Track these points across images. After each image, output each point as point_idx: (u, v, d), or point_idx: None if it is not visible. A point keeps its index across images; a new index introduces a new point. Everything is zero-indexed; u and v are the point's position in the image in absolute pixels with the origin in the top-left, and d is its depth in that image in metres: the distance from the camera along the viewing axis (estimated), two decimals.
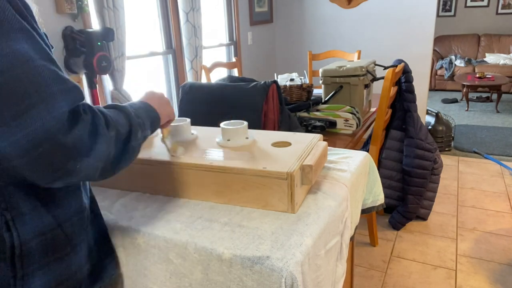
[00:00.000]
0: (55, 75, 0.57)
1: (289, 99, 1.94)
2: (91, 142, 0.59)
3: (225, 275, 0.76)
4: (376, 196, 1.29)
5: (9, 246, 0.63)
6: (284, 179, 0.86)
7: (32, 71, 0.54)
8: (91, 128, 0.59)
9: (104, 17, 2.09)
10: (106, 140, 0.62)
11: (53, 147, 0.54)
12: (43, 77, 0.55)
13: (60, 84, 0.57)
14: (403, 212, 2.33)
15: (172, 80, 2.87)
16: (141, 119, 0.75)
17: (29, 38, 0.56)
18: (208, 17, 3.23)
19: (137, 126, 0.72)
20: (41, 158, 0.54)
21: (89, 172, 0.61)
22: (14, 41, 0.53)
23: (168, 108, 0.91)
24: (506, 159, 3.40)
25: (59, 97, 0.56)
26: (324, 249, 0.85)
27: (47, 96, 0.54)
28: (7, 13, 0.54)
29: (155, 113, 0.83)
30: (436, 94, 6.11)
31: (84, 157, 0.58)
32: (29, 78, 0.53)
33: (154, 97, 0.88)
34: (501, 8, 6.26)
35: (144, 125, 0.76)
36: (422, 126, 2.23)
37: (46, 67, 0.56)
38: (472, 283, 1.89)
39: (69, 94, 0.57)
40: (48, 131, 0.53)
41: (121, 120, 0.68)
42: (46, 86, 0.55)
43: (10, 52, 0.53)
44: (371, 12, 3.67)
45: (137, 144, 0.72)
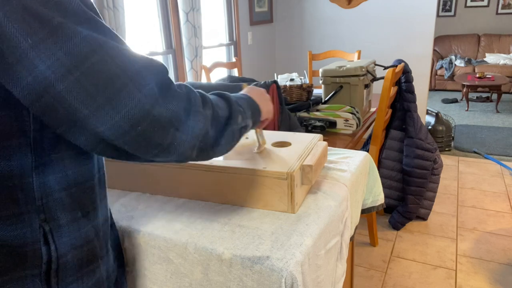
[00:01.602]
0: (132, 53, 0.56)
1: (289, 99, 1.94)
2: (186, 117, 0.58)
3: (225, 275, 0.76)
4: (376, 196, 1.29)
5: (46, 260, 0.60)
6: (284, 179, 0.86)
7: (112, 52, 0.53)
8: (186, 105, 0.59)
9: (104, 17, 2.09)
10: (202, 117, 0.61)
11: (150, 124, 0.54)
12: (124, 56, 0.54)
13: (141, 61, 0.56)
14: (403, 212, 2.33)
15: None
16: (241, 108, 0.74)
17: (97, 25, 0.55)
18: (208, 17, 3.23)
19: (237, 112, 0.71)
20: (140, 136, 0.54)
21: (186, 150, 0.60)
22: (85, 28, 0.53)
23: (269, 105, 0.89)
24: (506, 159, 3.40)
25: (144, 73, 0.55)
26: (324, 249, 0.85)
27: (133, 75, 0.54)
28: (74, 4, 0.53)
29: (256, 105, 0.82)
30: (436, 94, 6.11)
31: (180, 132, 0.57)
32: (112, 60, 0.52)
33: (256, 92, 0.87)
34: (501, 8, 6.27)
35: (245, 113, 0.74)
36: (422, 126, 2.24)
37: (121, 47, 0.55)
38: (472, 283, 1.89)
39: (152, 68, 0.57)
40: (142, 109, 0.53)
41: (220, 103, 0.68)
42: (129, 65, 0.54)
43: (87, 35, 0.51)
44: (371, 12, 3.67)
45: (237, 129, 0.70)
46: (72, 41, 0.50)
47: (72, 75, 0.50)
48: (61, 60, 0.50)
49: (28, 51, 0.49)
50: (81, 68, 0.50)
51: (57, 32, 0.50)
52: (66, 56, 0.50)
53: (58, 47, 0.50)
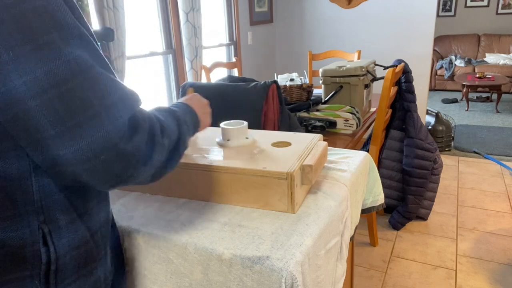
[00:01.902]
0: (113, 82, 0.56)
1: (289, 99, 1.94)
2: (148, 150, 0.59)
3: (225, 275, 0.76)
4: (376, 196, 1.29)
5: (45, 261, 0.60)
6: (284, 179, 0.86)
7: (93, 79, 0.53)
8: (148, 137, 0.59)
9: (104, 17, 2.09)
10: (161, 148, 0.62)
11: (114, 156, 0.54)
12: (104, 85, 0.54)
13: (120, 91, 0.57)
14: (403, 212, 2.33)
15: (172, 80, 2.87)
16: (187, 126, 0.75)
17: (87, 44, 0.55)
18: (208, 17, 3.23)
19: (185, 133, 0.72)
20: (101, 165, 0.54)
21: (144, 179, 0.61)
22: (74, 47, 0.53)
23: (207, 119, 0.91)
24: (506, 159, 3.40)
25: (119, 105, 0.56)
26: (324, 249, 0.85)
27: (108, 105, 0.54)
28: (67, 18, 0.53)
29: (197, 120, 0.83)
30: (436, 94, 6.11)
31: (142, 165, 0.58)
32: (91, 87, 0.53)
33: (199, 104, 0.88)
34: (501, 8, 6.26)
35: (189, 131, 0.76)
36: (422, 126, 2.24)
37: (105, 74, 0.55)
38: (472, 283, 1.89)
39: (128, 101, 0.58)
40: (109, 141, 0.53)
41: (172, 127, 0.68)
42: (107, 95, 0.54)
43: (72, 59, 0.52)
44: (371, 12, 3.67)
45: (183, 151, 0.72)
46: (55, 62, 0.51)
47: (46, 95, 0.50)
48: (39, 78, 0.50)
49: (7, 64, 0.49)
50: (57, 90, 0.50)
51: (42, 49, 0.50)
52: (45, 76, 0.50)
53: (40, 65, 0.50)
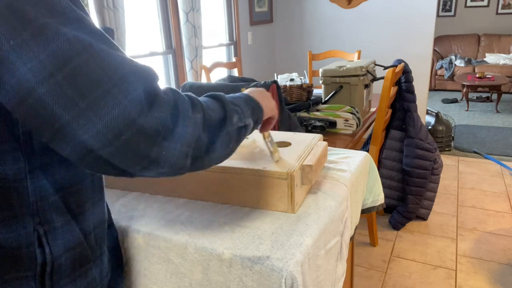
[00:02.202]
0: (121, 57, 0.53)
1: (289, 99, 1.94)
2: (174, 125, 0.54)
3: (225, 275, 0.76)
4: (376, 196, 1.29)
5: (41, 263, 0.59)
6: (284, 179, 0.86)
7: (99, 55, 0.51)
8: (173, 111, 0.55)
9: (104, 17, 2.09)
10: (191, 123, 0.57)
11: (135, 133, 0.51)
12: (110, 60, 0.51)
13: (129, 65, 0.53)
14: (403, 212, 2.33)
15: (172, 80, 2.87)
16: (238, 107, 0.69)
17: (86, 26, 0.53)
18: (208, 17, 3.23)
19: (233, 111, 0.67)
20: (125, 146, 0.51)
21: (178, 160, 0.56)
22: (73, 30, 0.51)
23: (270, 102, 0.84)
24: (506, 159, 3.40)
25: (132, 78, 0.52)
26: (324, 249, 0.85)
27: (118, 80, 0.51)
28: (63, 3, 0.51)
29: (256, 102, 0.77)
30: (436, 94, 6.11)
31: (168, 141, 0.54)
32: (97, 63, 0.50)
33: (255, 90, 0.82)
34: (501, 8, 6.27)
35: (243, 112, 0.70)
36: (422, 126, 2.24)
37: (110, 50, 0.53)
38: (472, 283, 1.89)
39: (141, 74, 0.54)
40: (127, 117, 0.50)
41: (212, 105, 0.64)
42: (115, 69, 0.51)
43: (72, 37, 0.49)
44: (371, 12, 3.67)
45: (233, 130, 0.66)
46: (55, 42, 0.49)
47: (54, 78, 0.48)
48: (43, 62, 0.48)
49: (10, 53, 0.47)
50: (63, 71, 0.48)
51: (40, 33, 0.48)
52: (48, 58, 0.48)
53: (41, 48, 0.48)
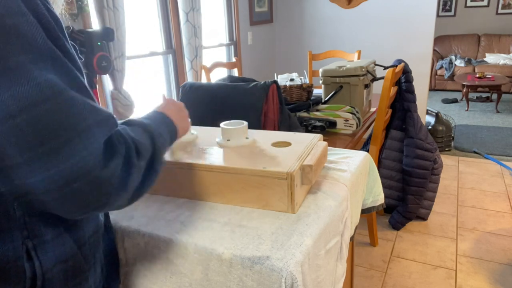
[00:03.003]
0: (89, 106, 0.53)
1: (289, 99, 1.94)
2: (124, 175, 0.56)
3: (225, 275, 0.76)
4: (376, 196, 1.29)
5: (30, 276, 0.58)
6: (284, 179, 0.86)
7: (67, 103, 0.50)
8: (124, 161, 0.56)
9: (104, 17, 2.09)
10: (137, 169, 0.59)
11: (87, 184, 0.51)
12: (78, 109, 0.51)
13: (95, 115, 0.53)
14: (403, 212, 2.33)
15: (172, 80, 2.87)
16: (163, 138, 0.71)
17: (61, 66, 0.53)
18: (208, 17, 3.23)
19: (161, 147, 0.68)
20: (72, 194, 0.51)
21: (120, 204, 0.58)
22: (45, 70, 0.50)
23: (185, 123, 0.86)
24: (506, 159, 3.40)
25: (94, 130, 0.52)
26: (324, 249, 0.85)
27: (82, 130, 0.51)
28: (39, 40, 0.50)
29: (174, 128, 0.78)
30: (436, 94, 6.11)
31: (118, 192, 0.55)
32: (64, 110, 0.50)
33: (174, 108, 0.83)
34: (501, 8, 6.26)
35: (165, 143, 0.72)
36: (422, 126, 2.24)
37: (80, 98, 0.52)
38: (472, 283, 1.89)
39: (104, 125, 0.54)
40: (83, 168, 0.50)
41: (146, 144, 0.64)
42: (81, 119, 0.51)
43: (42, 81, 0.49)
44: (371, 12, 3.67)
45: (159, 167, 0.68)
46: (23, 85, 0.47)
47: (14, 120, 0.47)
48: (6, 102, 0.47)
49: None
50: (26, 115, 0.47)
51: (10, 72, 0.47)
52: (12, 99, 0.47)
53: (7, 88, 0.47)
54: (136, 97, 2.39)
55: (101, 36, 1.99)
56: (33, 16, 0.51)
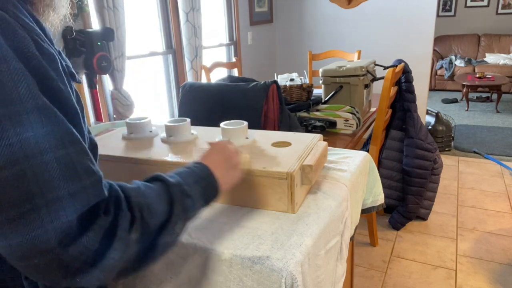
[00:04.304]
0: (69, 171, 0.47)
1: (289, 99, 1.94)
2: (101, 251, 0.49)
3: (225, 275, 0.76)
4: (376, 196, 1.29)
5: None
6: (284, 179, 0.86)
7: (38, 168, 0.45)
8: (107, 233, 0.49)
9: (104, 17, 2.09)
10: (123, 245, 0.51)
11: (49, 261, 0.46)
12: (50, 176, 0.46)
13: (74, 182, 0.48)
14: (403, 212, 2.33)
15: (172, 80, 2.87)
16: (190, 199, 0.62)
17: (47, 117, 0.47)
18: (208, 17, 3.23)
19: (179, 215, 0.60)
20: (35, 269, 0.46)
21: (97, 283, 0.50)
22: (25, 126, 0.45)
23: (235, 173, 0.76)
24: (506, 159, 3.40)
25: (66, 202, 0.46)
26: (324, 249, 0.85)
27: (51, 200, 0.45)
28: (21, 90, 0.45)
29: (214, 185, 0.69)
30: (436, 94, 6.11)
31: (86, 270, 0.48)
32: (33, 177, 0.44)
33: (220, 157, 0.73)
34: (501, 8, 6.26)
35: (193, 208, 0.63)
36: (422, 126, 2.23)
37: (59, 161, 0.47)
38: (472, 283, 1.89)
39: (80, 197, 0.48)
40: (44, 243, 0.45)
41: (158, 208, 0.57)
42: (53, 187, 0.46)
43: (16, 142, 0.44)
44: (371, 12, 3.67)
45: (171, 239, 0.59)
46: None
47: None
48: None
49: None
50: None
51: None
52: None
53: None
54: (136, 97, 2.39)
55: (101, 36, 1.99)
56: (20, 59, 0.46)
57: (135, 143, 1.10)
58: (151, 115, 2.06)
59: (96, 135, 1.31)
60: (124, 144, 1.10)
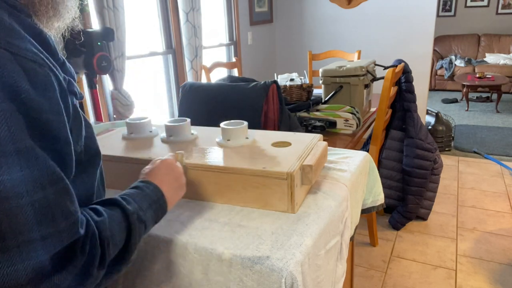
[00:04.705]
0: (44, 215, 0.48)
1: (289, 99, 1.94)
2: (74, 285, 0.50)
3: (225, 275, 0.76)
4: (376, 196, 1.29)
5: None
6: (284, 179, 0.86)
7: (12, 211, 0.45)
8: (80, 270, 0.51)
9: (104, 17, 2.09)
10: (93, 281, 0.53)
11: None
12: (25, 219, 0.46)
13: (48, 226, 0.48)
14: (403, 212, 2.33)
15: (172, 80, 2.87)
16: (144, 225, 0.65)
17: (26, 161, 0.47)
18: (208, 17, 3.23)
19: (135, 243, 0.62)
20: None
21: None
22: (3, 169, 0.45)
23: (181, 192, 0.79)
24: (506, 159, 3.40)
25: (37, 244, 0.47)
26: (324, 249, 0.85)
27: (23, 241, 0.46)
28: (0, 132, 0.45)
29: (164, 210, 0.72)
30: (436, 94, 6.11)
31: None
32: (8, 218, 0.45)
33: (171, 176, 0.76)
34: (501, 8, 6.26)
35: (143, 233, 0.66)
36: (422, 126, 2.23)
37: (34, 205, 0.47)
38: (472, 283, 1.89)
39: (55, 239, 0.49)
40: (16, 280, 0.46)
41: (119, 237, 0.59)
42: (26, 230, 0.46)
43: None
44: (371, 12, 3.67)
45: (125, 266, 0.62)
46: None
47: None
48: None
49: None
50: None
51: None
52: None
53: None
54: (136, 97, 2.39)
55: (101, 36, 1.99)
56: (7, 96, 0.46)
57: (135, 143, 1.10)
58: (151, 115, 2.06)
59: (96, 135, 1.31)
60: (124, 144, 1.10)
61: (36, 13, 0.56)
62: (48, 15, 0.57)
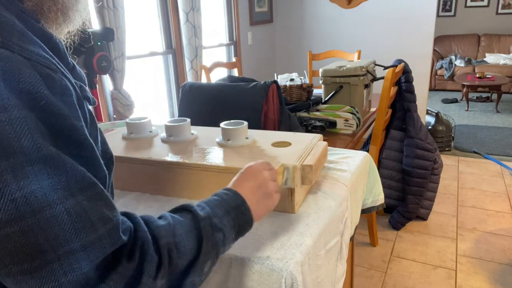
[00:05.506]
0: (81, 222, 0.45)
1: (289, 99, 1.94)
2: None
3: (225, 275, 0.76)
4: (376, 196, 1.29)
5: None
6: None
7: (47, 222, 0.42)
8: (130, 280, 0.48)
9: (104, 17, 2.09)
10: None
11: None
12: (62, 229, 0.43)
13: (88, 234, 0.45)
14: (403, 212, 2.33)
15: (172, 80, 2.87)
16: (221, 233, 0.59)
17: (54, 168, 0.44)
18: (208, 17, 3.23)
19: (209, 252, 0.57)
20: None
21: None
22: (30, 178, 0.42)
23: (269, 202, 0.71)
24: (506, 159, 3.40)
25: (79, 255, 0.44)
26: (324, 249, 0.85)
27: (64, 254, 0.43)
28: (24, 140, 0.42)
29: (247, 218, 0.65)
30: (436, 94, 6.11)
31: None
32: (42, 231, 0.42)
33: (255, 183, 0.69)
34: (501, 8, 6.26)
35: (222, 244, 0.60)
36: (422, 126, 2.23)
37: (70, 212, 0.44)
38: (472, 283, 1.89)
39: (96, 247, 0.46)
40: None
41: (188, 245, 0.54)
42: (65, 241, 0.43)
43: (20, 196, 0.41)
44: (371, 12, 3.67)
45: (199, 279, 0.57)
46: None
47: None
48: None
49: None
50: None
51: None
52: None
53: None
54: (136, 97, 2.39)
55: (101, 36, 1.99)
56: (26, 104, 0.43)
57: (135, 143, 1.10)
58: (151, 115, 2.06)
59: None
60: (124, 144, 1.10)
61: (46, 19, 0.54)
62: (57, 21, 0.55)
